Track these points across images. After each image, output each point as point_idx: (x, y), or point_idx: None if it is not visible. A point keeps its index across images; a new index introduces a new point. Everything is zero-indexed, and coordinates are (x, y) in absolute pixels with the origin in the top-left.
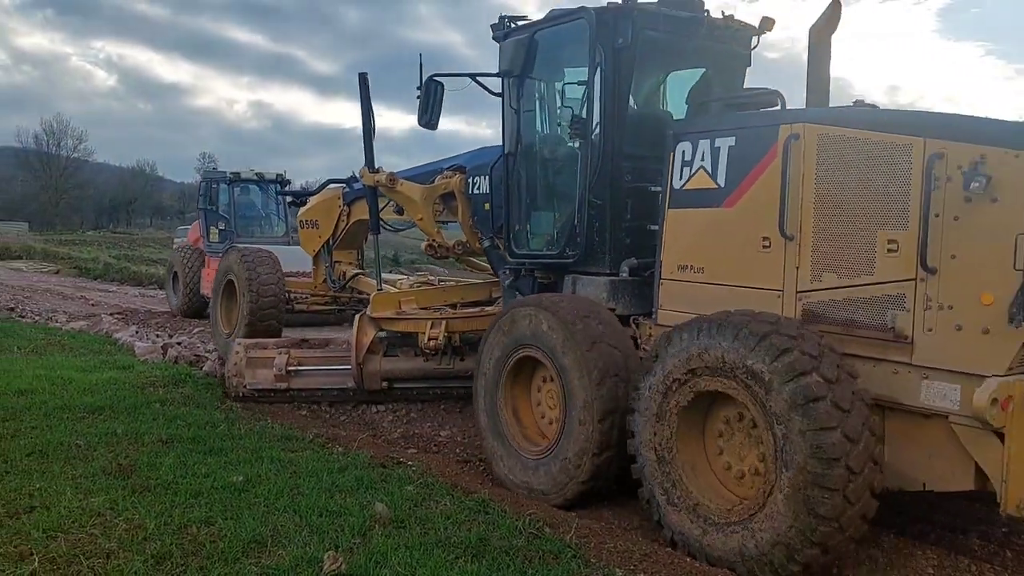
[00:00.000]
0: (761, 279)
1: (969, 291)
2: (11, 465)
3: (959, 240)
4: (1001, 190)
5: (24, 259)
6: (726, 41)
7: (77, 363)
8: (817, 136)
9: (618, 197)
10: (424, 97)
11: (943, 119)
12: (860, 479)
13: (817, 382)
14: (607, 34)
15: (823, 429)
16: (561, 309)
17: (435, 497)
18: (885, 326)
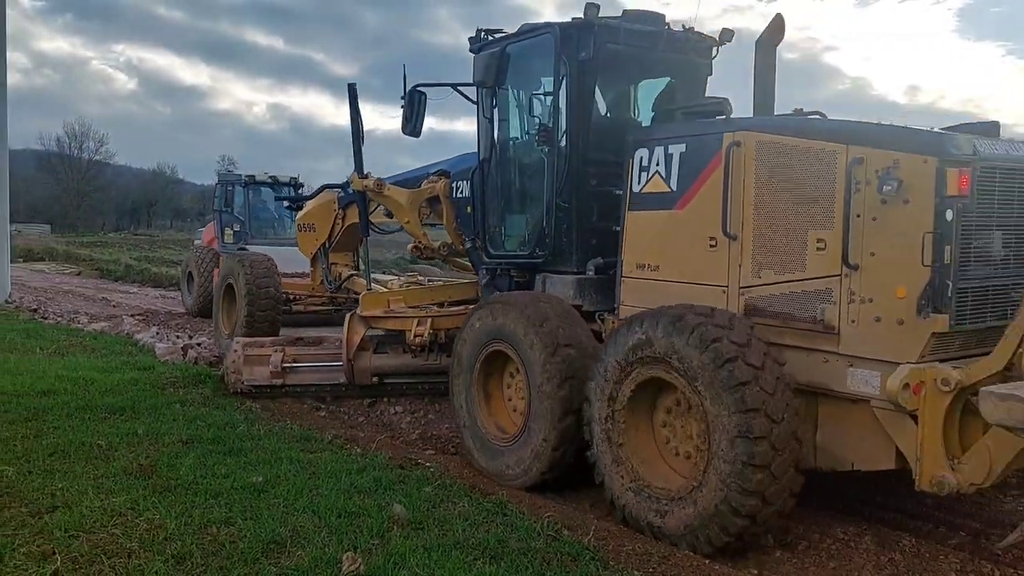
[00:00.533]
0: (709, 276)
1: (886, 285)
2: (34, 465)
3: (877, 239)
4: (912, 193)
5: (46, 261)
6: (687, 52)
7: (99, 364)
8: (756, 143)
9: (584, 200)
10: (408, 106)
11: (865, 127)
12: (784, 456)
13: (743, 368)
14: (571, 48)
15: (748, 411)
16: (523, 304)
17: (453, 498)
18: (815, 318)
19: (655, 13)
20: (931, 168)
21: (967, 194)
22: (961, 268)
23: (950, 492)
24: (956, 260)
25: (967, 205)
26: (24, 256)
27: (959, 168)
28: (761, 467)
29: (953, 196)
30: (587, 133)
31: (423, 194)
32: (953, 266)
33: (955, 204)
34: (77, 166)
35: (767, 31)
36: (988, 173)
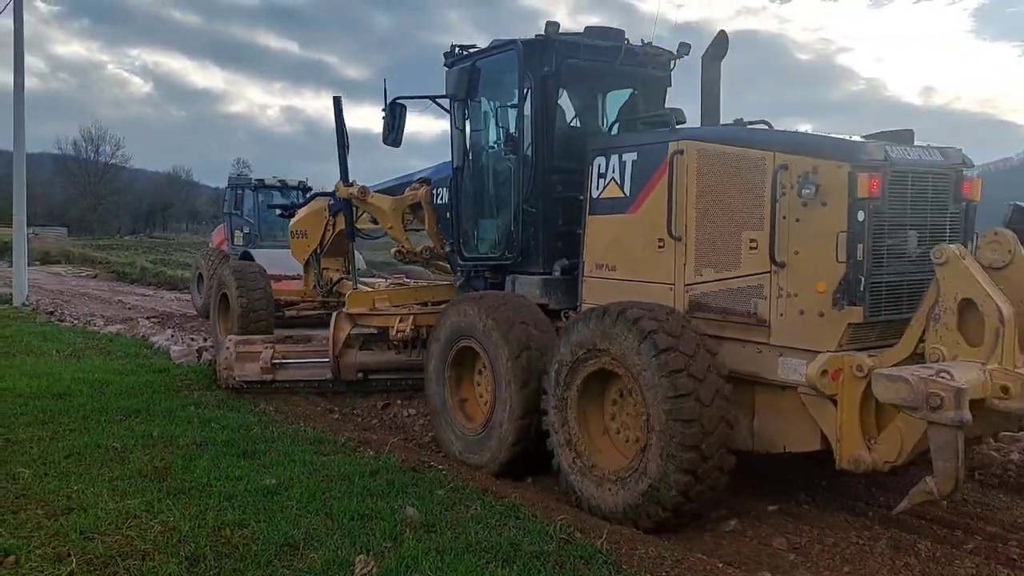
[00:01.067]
0: (658, 275)
1: (808, 281)
2: (50, 467)
3: (800, 238)
4: (828, 196)
5: (63, 263)
6: (645, 65)
7: (114, 366)
8: (696, 152)
9: (550, 206)
10: (389, 118)
11: (790, 136)
12: (713, 437)
13: (676, 357)
14: (535, 63)
15: (680, 396)
16: (491, 305)
17: (465, 501)
18: (749, 312)
19: (615, 29)
20: (844, 173)
21: (878, 196)
22: (874, 264)
23: (866, 469)
24: (869, 257)
25: (879, 207)
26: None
27: (869, 173)
28: (692, 447)
29: (864, 198)
30: (551, 142)
31: (405, 201)
32: (866, 263)
33: (867, 206)
34: (93, 169)
35: (711, 47)
36: (900, 177)
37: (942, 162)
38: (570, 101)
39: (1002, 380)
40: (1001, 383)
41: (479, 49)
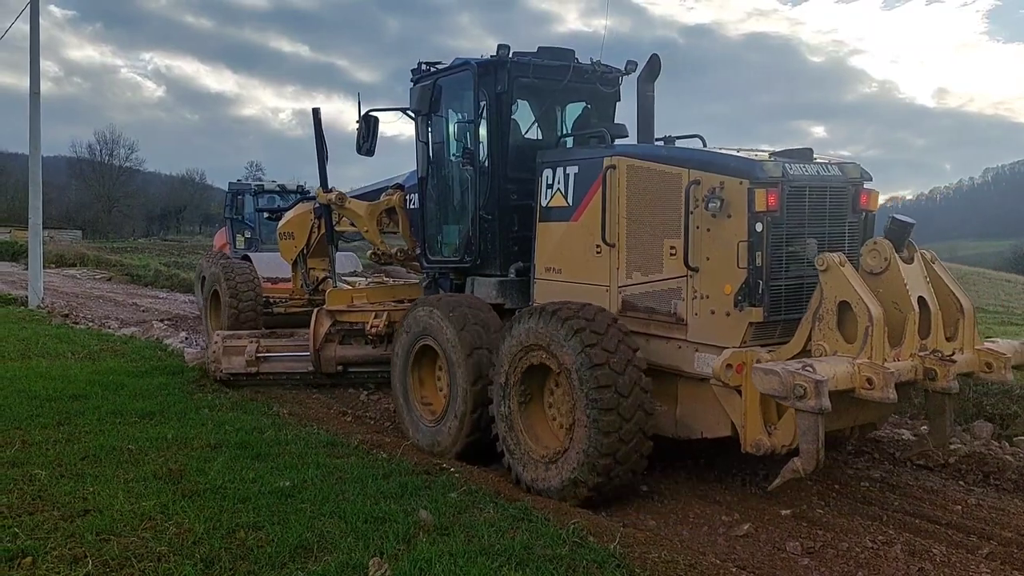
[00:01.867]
0: (596, 277)
1: (717, 284)
2: (66, 468)
3: (710, 246)
4: (732, 209)
5: (78, 266)
6: (593, 82)
7: (129, 368)
8: (626, 167)
9: (505, 213)
10: (364, 129)
11: (702, 154)
12: (631, 424)
13: (599, 352)
14: (489, 81)
15: (601, 387)
16: (449, 307)
17: (478, 504)
18: (671, 312)
19: (566, 49)
20: (744, 188)
21: (776, 209)
22: (773, 270)
23: (766, 452)
24: (768, 263)
25: (777, 218)
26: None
27: (767, 188)
28: (611, 432)
29: (762, 211)
30: (505, 155)
31: (380, 206)
32: (765, 268)
33: (764, 218)
34: (108, 173)
35: (645, 69)
36: (797, 191)
37: (840, 176)
38: (523, 116)
39: (868, 373)
40: (867, 375)
41: (440, 68)
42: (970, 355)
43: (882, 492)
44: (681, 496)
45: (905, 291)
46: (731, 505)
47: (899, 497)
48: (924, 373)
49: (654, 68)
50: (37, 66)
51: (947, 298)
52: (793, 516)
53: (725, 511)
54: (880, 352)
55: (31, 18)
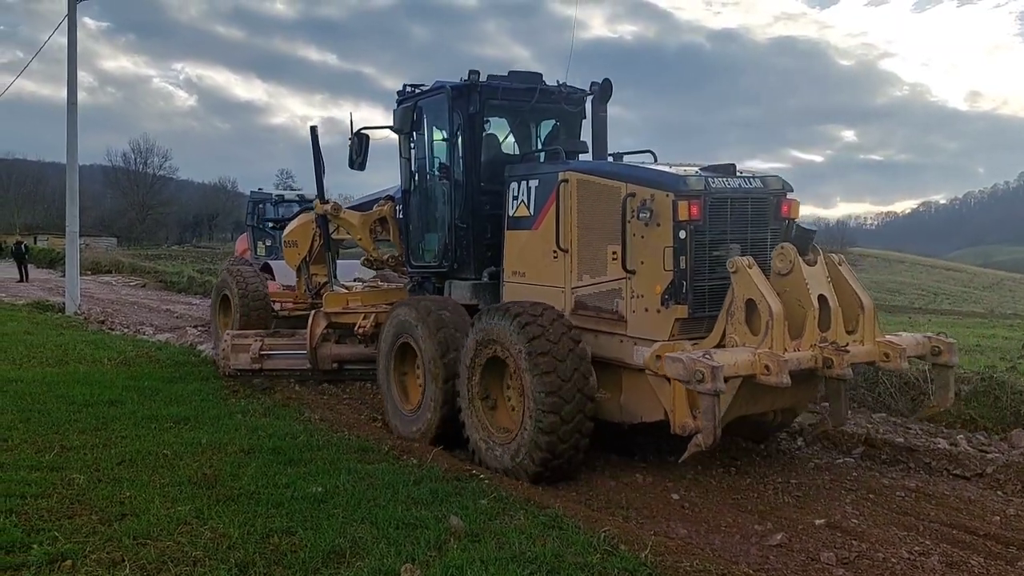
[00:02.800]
0: (553, 280)
1: (650, 285)
2: (103, 473)
3: (643, 251)
4: (660, 218)
5: (113, 273)
6: (559, 102)
7: (163, 374)
8: (577, 181)
9: (479, 222)
10: (356, 145)
11: (637, 170)
12: (571, 406)
13: (543, 343)
14: (462, 103)
15: (544, 373)
16: (426, 310)
17: (509, 511)
18: (613, 310)
19: (534, 73)
20: (669, 200)
21: (699, 218)
22: (696, 272)
23: (691, 433)
24: (691, 266)
25: (700, 226)
26: (92, 269)
27: (689, 200)
28: (553, 413)
29: (684, 220)
30: (478, 170)
31: (372, 216)
32: (688, 271)
33: (687, 226)
34: (142, 181)
35: (597, 92)
36: (719, 202)
37: (761, 188)
38: (494, 133)
39: (766, 361)
40: (765, 363)
41: (420, 91)
42: (870, 346)
43: (918, 502)
44: (712, 504)
45: (807, 290)
46: (764, 514)
47: (936, 507)
48: (822, 362)
49: (605, 91)
50: (74, 78)
51: (850, 296)
52: (827, 526)
53: (758, 520)
54: (780, 343)
55: (69, 31)
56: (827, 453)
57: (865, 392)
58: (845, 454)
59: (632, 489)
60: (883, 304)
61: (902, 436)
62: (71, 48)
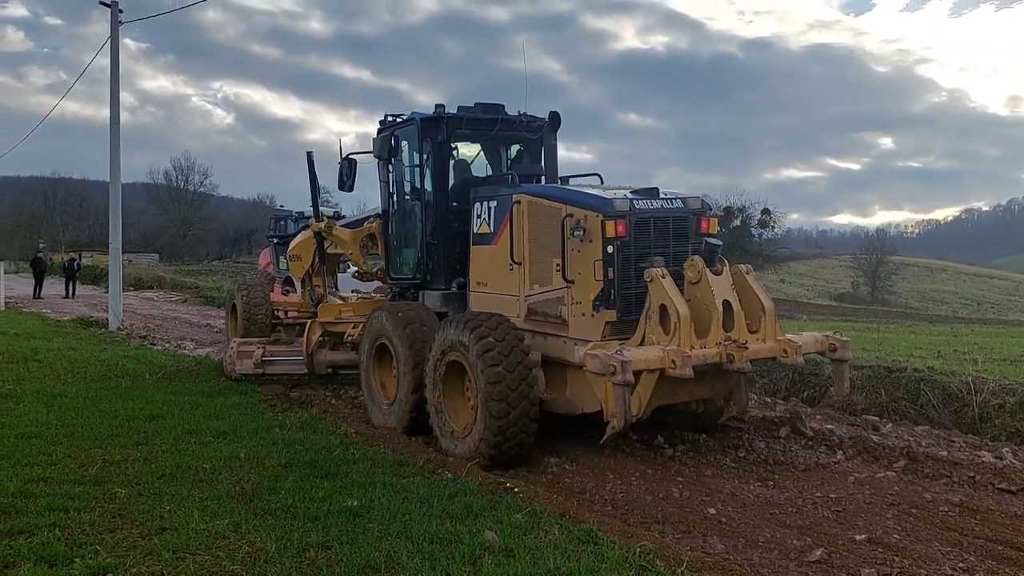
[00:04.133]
0: (509, 289)
1: (585, 293)
2: (144, 487)
3: (579, 264)
4: (592, 236)
5: (155, 289)
6: (520, 130)
7: (203, 388)
8: (527, 202)
9: (448, 239)
10: (346, 170)
11: (574, 192)
12: (516, 394)
13: (489, 342)
14: (431, 132)
15: (491, 366)
16: (397, 312)
17: (543, 526)
18: (558, 315)
19: (496, 105)
20: (599, 220)
21: (624, 235)
22: (623, 281)
23: None
24: (618, 277)
25: (626, 242)
26: (135, 285)
27: (615, 219)
28: (501, 402)
29: (612, 237)
30: (446, 192)
31: (362, 232)
32: (616, 280)
33: (615, 242)
34: (183, 198)
35: (547, 124)
36: (643, 221)
37: (682, 208)
38: (461, 159)
39: (673, 356)
40: (672, 358)
41: (397, 121)
42: (772, 344)
43: (962, 517)
44: (750, 519)
45: (712, 296)
46: (803, 529)
47: (980, 522)
48: (726, 357)
49: (554, 123)
50: (117, 99)
51: (753, 301)
52: (868, 541)
53: (796, 535)
54: (687, 341)
55: (111, 53)
56: (867, 467)
57: (907, 404)
58: (886, 468)
59: (668, 503)
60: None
61: (945, 449)
62: (114, 69)
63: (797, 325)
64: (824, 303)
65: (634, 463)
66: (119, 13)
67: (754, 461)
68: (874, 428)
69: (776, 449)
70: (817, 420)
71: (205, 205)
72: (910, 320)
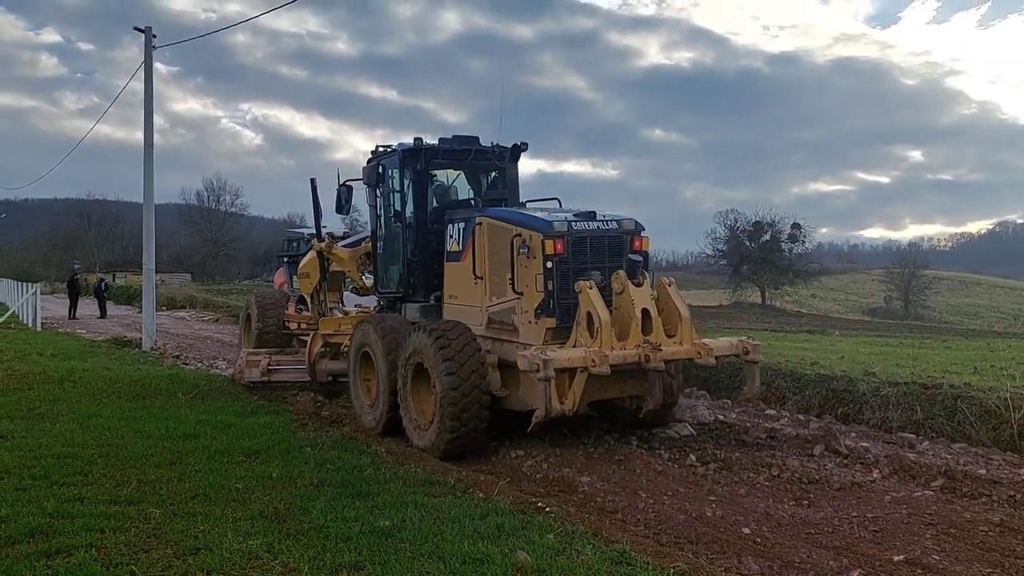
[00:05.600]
0: (474, 301)
1: (531, 303)
2: (178, 507)
3: (526, 278)
4: (535, 253)
5: (187, 308)
6: (491, 159)
7: (235, 408)
8: (487, 224)
9: (427, 257)
10: (346, 195)
11: (522, 214)
12: (470, 397)
13: (447, 349)
14: (411, 162)
15: (449, 373)
16: (376, 323)
17: (576, 546)
18: (511, 324)
19: (471, 137)
20: (540, 239)
21: (562, 253)
22: (561, 293)
23: (559, 414)
24: (557, 289)
25: (564, 259)
26: (167, 304)
27: (554, 239)
28: (455, 399)
29: (551, 255)
30: (425, 215)
31: (359, 251)
32: (555, 292)
33: (554, 259)
34: (215, 218)
35: (509, 154)
36: (580, 240)
37: (616, 229)
38: (439, 186)
39: (593, 356)
40: (592, 358)
41: (384, 152)
42: (688, 346)
43: (1002, 536)
44: (785, 539)
45: (632, 305)
46: (839, 550)
47: (1022, 542)
48: (643, 357)
49: (514, 153)
50: (151, 121)
51: (672, 309)
52: (907, 562)
53: (833, 556)
54: (608, 343)
55: (145, 77)
56: (904, 485)
57: (943, 421)
58: (924, 487)
59: (702, 523)
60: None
61: (984, 467)
62: (147, 92)
63: (829, 340)
64: (857, 318)
65: (666, 482)
66: (152, 38)
67: (788, 480)
68: (910, 446)
69: (810, 467)
70: (852, 438)
71: (236, 225)
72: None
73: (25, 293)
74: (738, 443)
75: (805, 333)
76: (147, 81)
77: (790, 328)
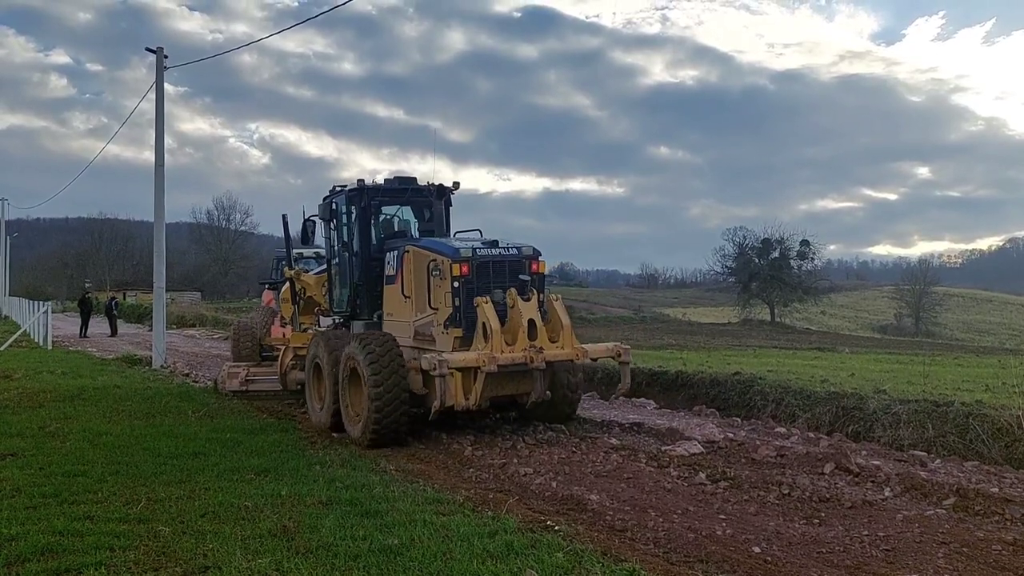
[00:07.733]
0: (405, 317)
1: (443, 317)
2: (188, 525)
3: (439, 296)
4: (445, 275)
5: (197, 327)
6: (428, 196)
7: (245, 426)
8: (412, 252)
9: (371, 281)
10: (311, 228)
11: (437, 242)
12: (391, 394)
13: (372, 354)
14: (356, 200)
15: (374, 375)
16: (325, 337)
17: (585, 565)
18: (429, 334)
19: (409, 177)
20: (448, 263)
21: (467, 275)
22: (467, 308)
23: (463, 409)
24: (463, 305)
25: (469, 280)
26: (177, 323)
27: (459, 263)
28: (378, 395)
29: (457, 276)
30: (369, 245)
31: (323, 278)
32: (461, 307)
33: (459, 280)
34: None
35: (435, 191)
36: (483, 264)
37: (516, 254)
38: (381, 220)
39: (484, 358)
40: (483, 359)
41: (337, 191)
42: (568, 350)
43: (1016, 556)
44: (796, 558)
45: (520, 316)
46: (851, 569)
47: None
48: (528, 359)
49: (442, 192)
50: (162, 141)
51: (556, 320)
52: None
53: (844, 575)
54: (497, 347)
55: (156, 97)
56: (916, 504)
57: (955, 439)
58: (936, 505)
59: (711, 542)
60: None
61: (996, 486)
62: (158, 112)
63: (839, 358)
64: (867, 335)
65: (676, 500)
66: (164, 58)
67: (799, 498)
68: (922, 464)
69: (821, 486)
70: (863, 456)
71: (246, 243)
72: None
73: (37, 311)
74: (748, 461)
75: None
76: (158, 101)
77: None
